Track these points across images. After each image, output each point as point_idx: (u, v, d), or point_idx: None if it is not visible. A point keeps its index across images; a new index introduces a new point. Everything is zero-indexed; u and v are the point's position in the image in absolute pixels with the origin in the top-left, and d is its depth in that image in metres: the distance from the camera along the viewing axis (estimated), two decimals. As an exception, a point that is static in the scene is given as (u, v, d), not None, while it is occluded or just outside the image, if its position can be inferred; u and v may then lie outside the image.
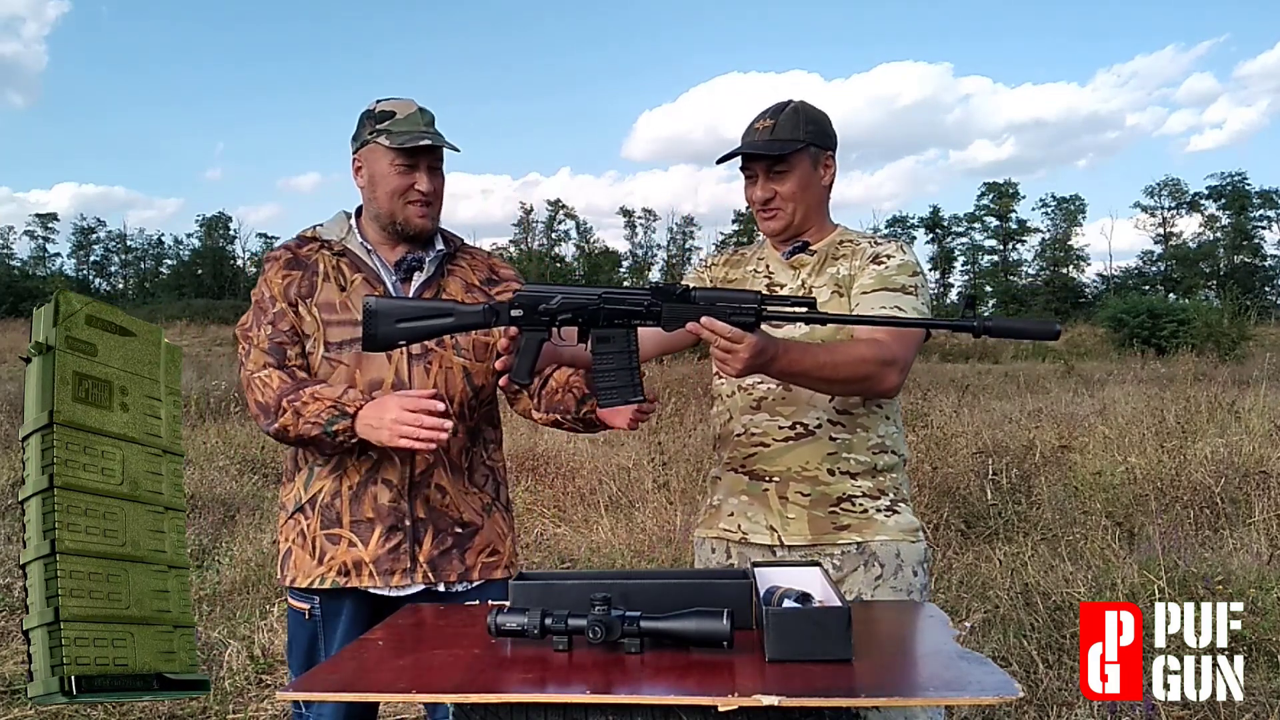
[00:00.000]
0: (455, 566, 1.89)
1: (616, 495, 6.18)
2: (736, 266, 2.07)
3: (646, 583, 1.46)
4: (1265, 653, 3.37)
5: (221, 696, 3.35)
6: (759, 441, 1.91)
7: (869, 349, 1.77)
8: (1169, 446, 6.20)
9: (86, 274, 71.88)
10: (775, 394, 1.90)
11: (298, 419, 1.77)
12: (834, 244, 1.98)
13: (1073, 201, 65.36)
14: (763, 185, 1.93)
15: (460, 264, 2.00)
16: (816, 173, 1.94)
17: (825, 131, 1.95)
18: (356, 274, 1.91)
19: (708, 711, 1.15)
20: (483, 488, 1.97)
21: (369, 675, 1.28)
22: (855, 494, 1.87)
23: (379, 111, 1.90)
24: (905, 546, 1.87)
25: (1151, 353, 19.15)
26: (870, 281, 1.87)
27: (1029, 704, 3.04)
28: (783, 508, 1.88)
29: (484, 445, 2.01)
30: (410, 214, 1.89)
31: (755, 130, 1.93)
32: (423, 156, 1.88)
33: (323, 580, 1.86)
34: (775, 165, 1.90)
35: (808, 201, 1.94)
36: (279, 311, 1.88)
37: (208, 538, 5.48)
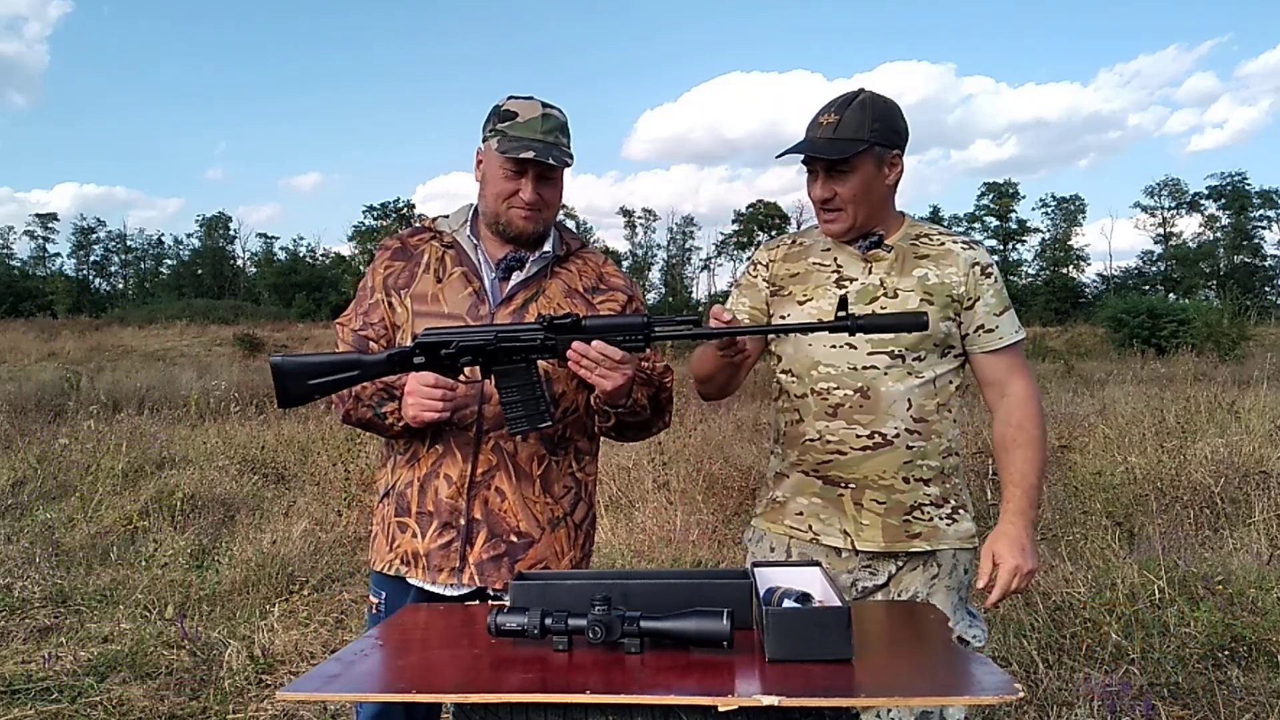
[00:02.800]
0: (503, 575, 1.84)
1: (616, 495, 6.18)
2: (799, 259, 1.96)
3: (646, 583, 1.46)
4: (1265, 653, 3.37)
5: (221, 696, 3.35)
6: (835, 449, 1.85)
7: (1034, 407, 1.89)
8: (1169, 446, 6.20)
9: (86, 274, 71.89)
10: (853, 400, 1.84)
11: (357, 404, 1.86)
12: (909, 238, 1.90)
13: (1073, 201, 65.39)
14: (823, 184, 1.85)
15: (569, 268, 1.95)
16: (881, 172, 1.85)
17: (893, 128, 1.84)
18: (458, 267, 1.92)
19: (708, 711, 1.15)
20: (559, 499, 1.91)
21: (369, 675, 1.28)
22: (925, 502, 1.86)
23: (503, 110, 1.87)
24: (961, 554, 1.90)
25: (1151, 353, 19.16)
26: (995, 302, 1.87)
27: (1029, 704, 3.04)
28: (857, 513, 1.86)
29: (572, 455, 1.94)
30: (513, 217, 1.87)
31: (819, 125, 1.83)
32: (532, 165, 1.84)
33: (389, 566, 1.90)
34: (837, 165, 1.81)
35: (870, 202, 1.85)
36: (374, 303, 1.94)
37: (208, 538, 5.48)
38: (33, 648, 3.87)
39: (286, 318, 44.87)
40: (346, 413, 1.89)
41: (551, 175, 1.87)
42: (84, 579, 4.79)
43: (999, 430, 1.91)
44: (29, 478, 6.91)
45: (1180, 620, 3.58)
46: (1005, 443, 1.89)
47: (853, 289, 1.87)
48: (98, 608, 4.37)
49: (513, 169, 1.84)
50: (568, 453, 1.92)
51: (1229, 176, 61.84)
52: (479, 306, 1.87)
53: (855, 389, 1.84)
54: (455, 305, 1.88)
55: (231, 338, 30.94)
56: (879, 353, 1.83)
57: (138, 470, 7.16)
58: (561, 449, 1.91)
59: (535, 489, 1.88)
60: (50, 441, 7.77)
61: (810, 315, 1.87)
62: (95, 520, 5.86)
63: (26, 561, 4.97)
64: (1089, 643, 3.48)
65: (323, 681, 1.27)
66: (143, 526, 5.72)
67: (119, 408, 9.86)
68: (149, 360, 23.89)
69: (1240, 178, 61.45)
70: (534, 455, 1.87)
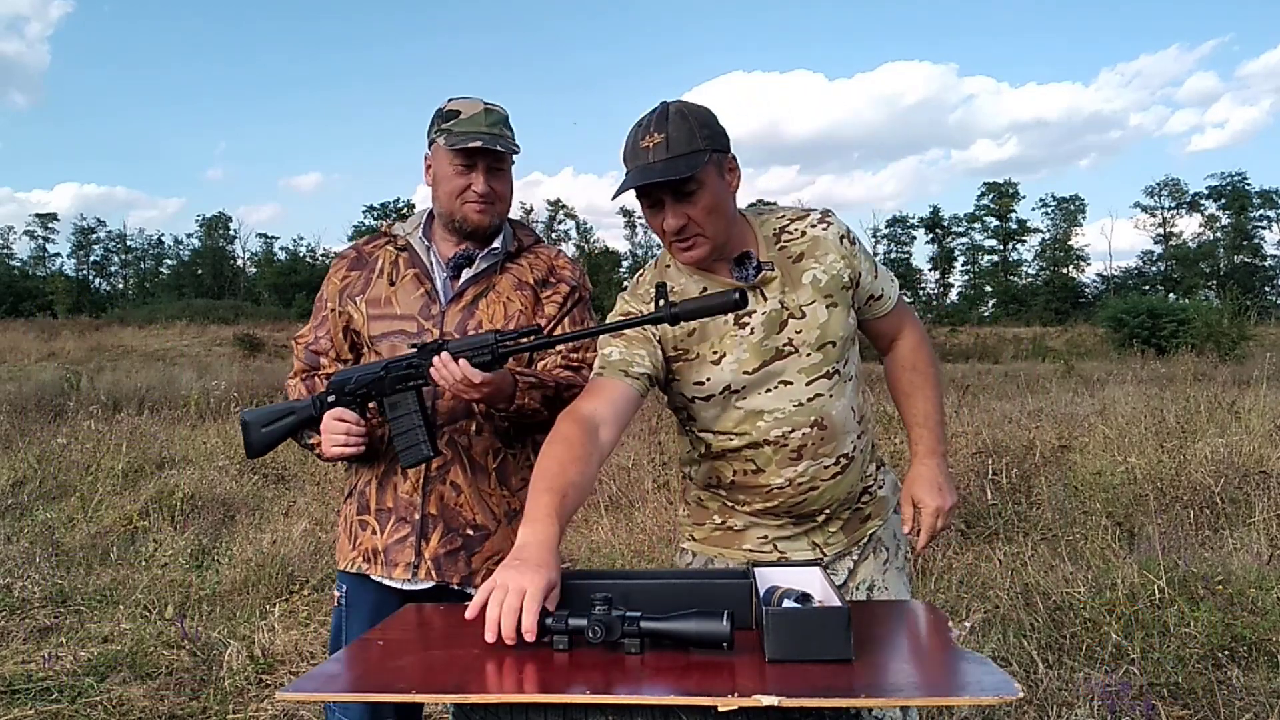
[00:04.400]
0: (460, 568, 1.89)
1: (616, 495, 6.18)
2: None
3: (646, 583, 1.46)
4: (1265, 653, 3.37)
5: (221, 696, 3.35)
6: (809, 487, 1.77)
7: (925, 347, 1.93)
8: (1169, 446, 6.20)
9: (86, 274, 71.87)
10: (813, 437, 1.74)
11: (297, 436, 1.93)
12: (772, 242, 1.77)
13: (1073, 201, 65.41)
14: (672, 212, 1.64)
15: (521, 263, 1.99)
16: (724, 181, 1.68)
17: (718, 131, 1.68)
18: (411, 269, 1.97)
19: (708, 711, 1.14)
20: (516, 492, 1.94)
21: (369, 675, 1.28)
22: (869, 483, 1.87)
23: (446, 110, 1.92)
24: (894, 520, 1.91)
25: (1151, 353, 19.16)
26: (869, 264, 1.82)
27: (1029, 704, 3.04)
28: (827, 524, 1.85)
29: (530, 448, 1.96)
30: (468, 211, 1.91)
31: (645, 150, 1.61)
32: (481, 158, 1.88)
33: (351, 564, 1.95)
34: (683, 186, 1.61)
35: (725, 217, 1.68)
36: (325, 315, 2.01)
37: (208, 538, 5.48)
38: (33, 648, 3.87)
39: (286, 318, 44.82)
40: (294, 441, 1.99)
41: (500, 167, 1.92)
42: (84, 579, 4.79)
43: (894, 375, 1.93)
44: (29, 478, 6.92)
45: (1180, 620, 3.58)
46: (904, 387, 1.91)
47: (755, 321, 1.72)
48: (98, 608, 4.38)
49: (462, 163, 1.88)
50: (525, 445, 1.96)
51: (1229, 176, 61.93)
52: (430, 306, 1.92)
53: (810, 424, 1.73)
54: (407, 307, 1.93)
55: (231, 338, 30.97)
56: (817, 378, 1.73)
57: (138, 470, 7.16)
58: (519, 442, 1.95)
59: (491, 482, 1.91)
60: (50, 441, 7.77)
61: (732, 371, 1.72)
62: (95, 520, 5.87)
63: (26, 561, 4.98)
64: (1089, 643, 3.48)
65: (323, 681, 1.27)
66: (143, 526, 5.72)
67: (119, 408, 9.86)
68: (149, 360, 23.89)
69: (1240, 178, 61.52)
70: (489, 448, 1.91)
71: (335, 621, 2.01)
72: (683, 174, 1.58)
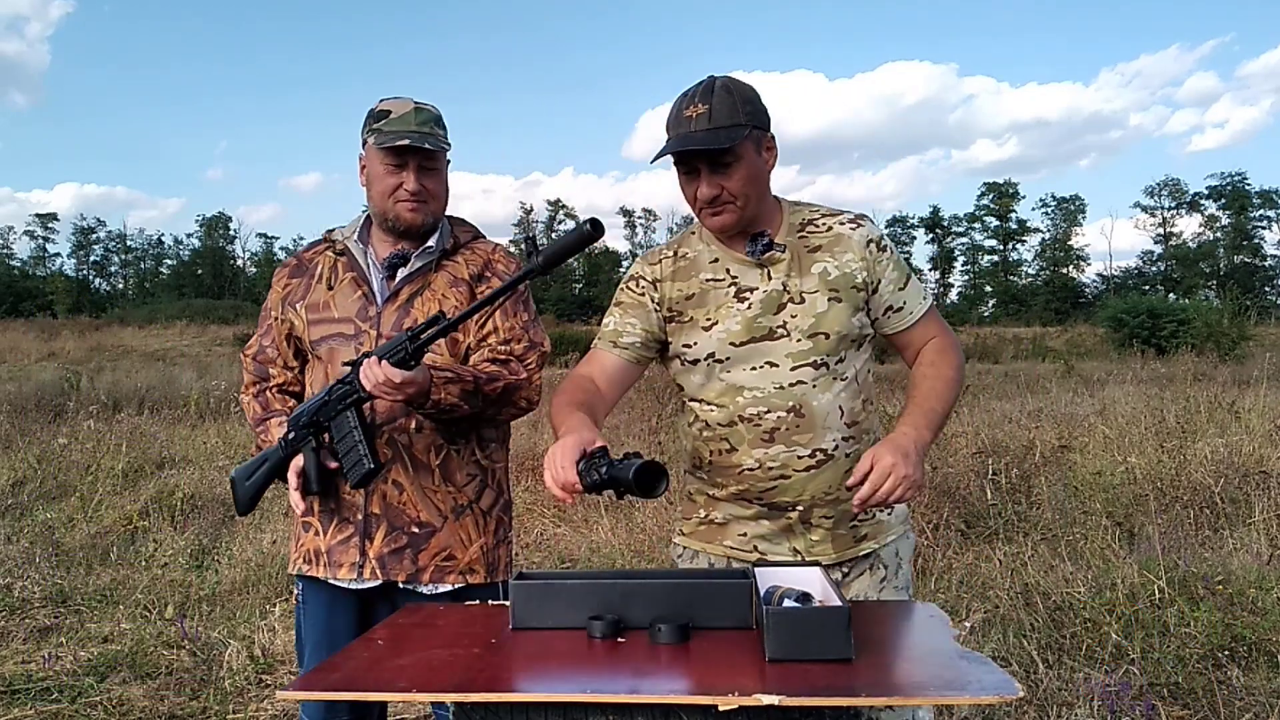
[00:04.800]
0: (405, 566, 1.90)
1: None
2: (688, 276, 1.83)
3: (646, 583, 1.46)
4: (1265, 653, 3.37)
5: (221, 696, 3.35)
6: (779, 474, 1.76)
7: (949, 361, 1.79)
8: (1169, 446, 6.20)
9: (86, 274, 71.88)
10: (788, 422, 1.75)
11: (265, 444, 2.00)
12: (793, 229, 1.80)
13: (1073, 201, 65.42)
14: (707, 181, 1.70)
15: (457, 259, 2.00)
16: (761, 158, 1.75)
17: (760, 109, 1.74)
18: (349, 273, 1.98)
19: (708, 711, 1.15)
20: (462, 487, 1.94)
21: (369, 675, 1.28)
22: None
23: (377, 110, 1.94)
24: (903, 543, 1.86)
25: (1151, 353, 19.15)
26: (897, 275, 1.80)
27: (1029, 704, 3.04)
28: (806, 531, 1.80)
29: (475, 443, 1.96)
30: (400, 210, 1.92)
31: (688, 119, 1.68)
32: (411, 156, 1.89)
33: (293, 566, 2.00)
34: (721, 157, 1.68)
35: (757, 191, 1.74)
36: (270, 324, 2.05)
37: (208, 538, 5.48)
38: (33, 648, 3.87)
39: (286, 318, 44.67)
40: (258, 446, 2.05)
41: (432, 165, 1.93)
42: (84, 579, 4.79)
43: (913, 370, 1.85)
44: (29, 478, 6.92)
45: (1180, 620, 3.58)
46: (916, 376, 1.81)
47: (755, 299, 1.76)
48: (98, 608, 4.38)
49: (393, 162, 1.89)
50: (469, 440, 1.96)
51: (1229, 176, 61.94)
52: (368, 308, 1.94)
53: (788, 409, 1.74)
54: (345, 310, 1.95)
55: (231, 338, 30.95)
56: (803, 365, 1.74)
57: (138, 470, 7.16)
58: (462, 437, 1.95)
59: (435, 479, 1.92)
60: (50, 441, 7.77)
61: (719, 339, 1.76)
62: (95, 520, 5.87)
63: (26, 561, 4.98)
64: (1089, 643, 3.48)
65: (323, 680, 1.27)
66: (143, 526, 5.72)
67: (119, 408, 9.86)
68: (149, 360, 23.89)
69: (1240, 178, 61.54)
70: (431, 445, 1.92)
71: (298, 619, 2.05)
72: (722, 144, 1.65)
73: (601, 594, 1.44)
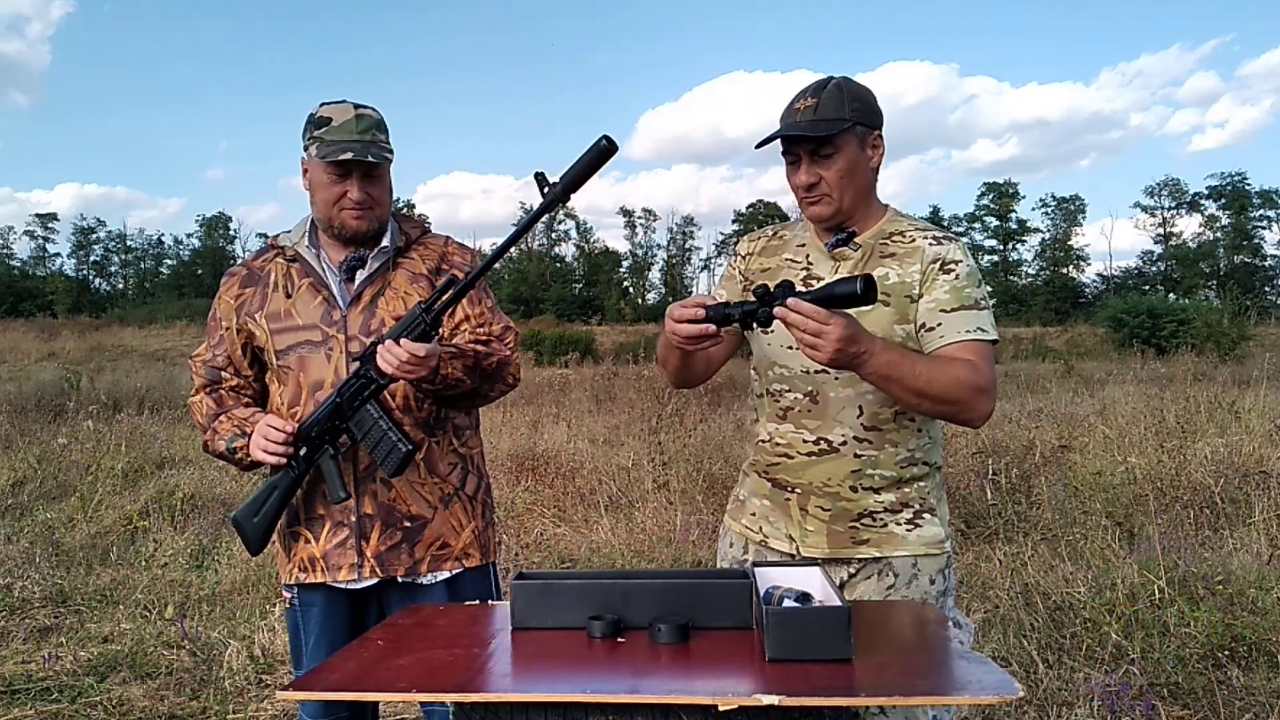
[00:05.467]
0: (404, 560, 1.93)
1: (616, 495, 6.18)
2: (774, 254, 1.92)
3: (646, 583, 1.46)
4: (1265, 653, 3.37)
5: (221, 696, 3.35)
6: (783, 452, 1.84)
7: (965, 371, 1.66)
8: (1169, 446, 6.20)
9: (86, 274, 71.89)
10: (802, 405, 1.81)
11: (214, 436, 1.95)
12: (881, 234, 1.83)
13: (1073, 201, 65.40)
14: (807, 169, 1.77)
15: (411, 256, 2.01)
16: (864, 154, 1.79)
17: (872, 108, 1.79)
18: (305, 279, 1.98)
19: (708, 711, 1.15)
20: (445, 477, 1.97)
21: (369, 675, 1.28)
22: (877, 509, 1.80)
23: (317, 117, 1.92)
24: (924, 560, 1.80)
25: (1151, 353, 19.13)
26: (948, 298, 1.73)
27: (1029, 704, 3.04)
28: (803, 519, 1.82)
29: (451, 433, 2.00)
30: (345, 219, 1.92)
31: (796, 110, 1.77)
32: (354, 166, 1.89)
33: (290, 575, 1.98)
34: (821, 148, 1.75)
35: (856, 185, 1.79)
36: (221, 335, 2.01)
37: (208, 538, 5.48)
38: (33, 648, 3.87)
39: (286, 318, 44.67)
40: (205, 444, 1.99)
41: (376, 173, 1.93)
42: (84, 579, 4.79)
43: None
44: (29, 478, 6.92)
45: (1180, 620, 3.58)
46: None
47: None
48: (98, 608, 4.38)
49: (336, 172, 1.89)
50: (446, 431, 1.99)
51: (1229, 176, 61.90)
52: (331, 312, 1.94)
53: (805, 393, 1.81)
54: (308, 316, 1.95)
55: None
56: None
57: (138, 470, 7.16)
58: (440, 429, 1.98)
59: (420, 472, 1.94)
60: (50, 441, 7.77)
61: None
62: (95, 520, 5.87)
63: (26, 561, 4.98)
64: (1089, 643, 3.48)
65: (323, 680, 1.27)
66: (143, 526, 5.72)
67: (119, 408, 9.85)
68: (149, 360, 23.89)
69: (1240, 178, 61.50)
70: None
71: (292, 622, 2.02)
72: (820, 134, 1.72)
73: (601, 594, 1.44)
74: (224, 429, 1.93)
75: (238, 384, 2.02)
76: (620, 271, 68.42)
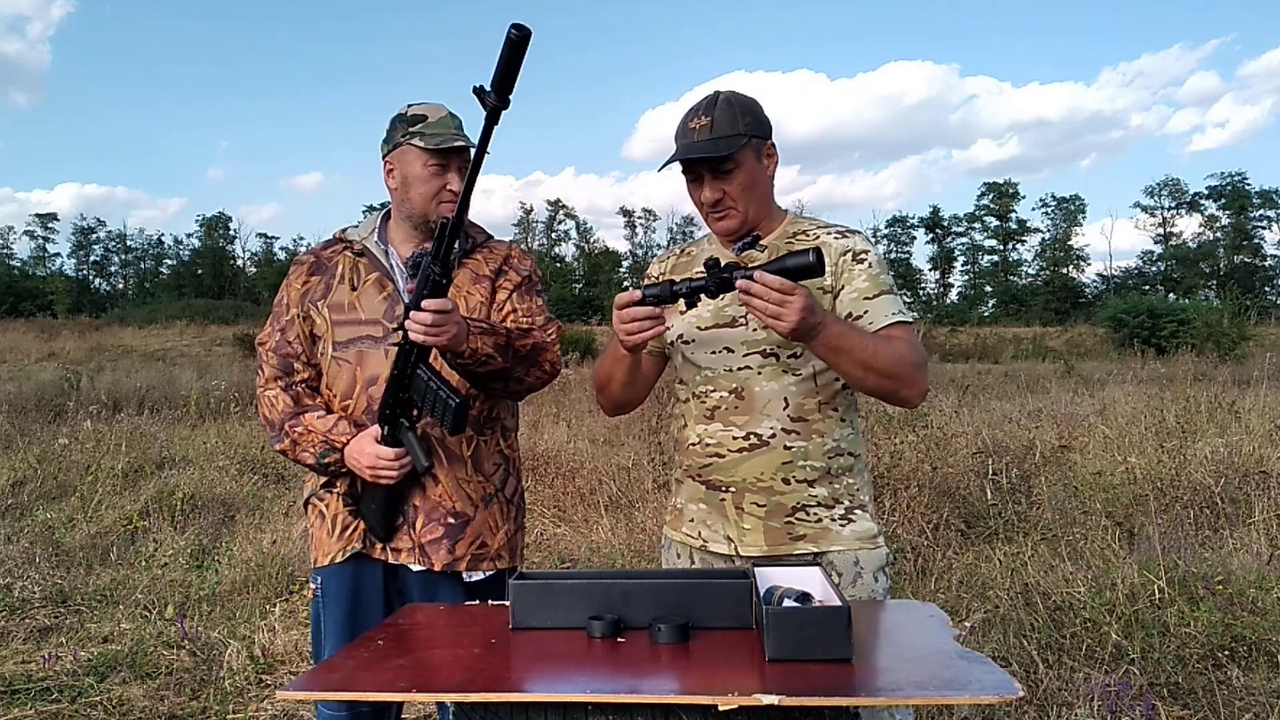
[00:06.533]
0: (442, 556, 1.95)
1: (616, 495, 6.18)
2: (684, 270, 1.97)
3: (646, 583, 1.46)
4: (1265, 653, 3.37)
5: (221, 696, 3.35)
6: (714, 452, 1.86)
7: (906, 348, 1.73)
8: (1169, 446, 6.20)
9: (86, 274, 71.89)
10: (729, 403, 1.85)
11: (295, 447, 1.97)
12: (785, 235, 1.90)
13: (1073, 201, 65.43)
14: (710, 186, 1.84)
15: (476, 257, 2.05)
16: (761, 164, 1.87)
17: (761, 119, 1.87)
18: (372, 274, 2.01)
19: (708, 711, 1.15)
20: (489, 476, 2.01)
21: (369, 675, 1.28)
22: (810, 503, 1.82)
23: (411, 115, 1.98)
24: (864, 554, 1.83)
25: (1151, 353, 19.14)
26: (867, 285, 1.81)
27: (1029, 704, 3.04)
28: (739, 518, 1.84)
29: (500, 433, 2.04)
30: (444, 211, 1.95)
31: (691, 130, 1.84)
32: (454, 158, 1.96)
33: (342, 554, 1.97)
34: (721, 165, 1.82)
35: (757, 195, 1.86)
36: (290, 320, 2.03)
37: (208, 538, 5.48)
38: (33, 648, 3.87)
39: (286, 318, 44.59)
40: (283, 451, 2.00)
41: (466, 167, 1.94)
42: (84, 579, 4.79)
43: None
44: (29, 478, 6.92)
45: (1180, 620, 3.58)
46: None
47: (729, 294, 1.76)
48: (98, 608, 4.38)
49: (438, 163, 1.95)
50: (494, 431, 2.03)
51: (1229, 176, 61.92)
52: (395, 308, 1.96)
53: (730, 390, 1.84)
54: (371, 311, 1.98)
55: (231, 337, 30.91)
56: (753, 353, 1.83)
57: (138, 470, 7.16)
58: (489, 428, 2.02)
59: (468, 469, 1.98)
60: (50, 441, 7.77)
61: (689, 323, 1.89)
62: (95, 520, 5.86)
63: (26, 561, 4.98)
64: (1089, 643, 3.48)
65: (323, 680, 1.27)
66: (143, 526, 5.72)
67: (119, 408, 9.85)
68: (149, 360, 23.89)
69: (1240, 178, 61.52)
70: (462, 438, 1.98)
71: (314, 613, 2.04)
72: (721, 153, 1.79)
73: (601, 594, 1.44)
74: (308, 442, 1.94)
75: (308, 376, 2.02)
76: (620, 271, 68.43)
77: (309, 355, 2.02)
